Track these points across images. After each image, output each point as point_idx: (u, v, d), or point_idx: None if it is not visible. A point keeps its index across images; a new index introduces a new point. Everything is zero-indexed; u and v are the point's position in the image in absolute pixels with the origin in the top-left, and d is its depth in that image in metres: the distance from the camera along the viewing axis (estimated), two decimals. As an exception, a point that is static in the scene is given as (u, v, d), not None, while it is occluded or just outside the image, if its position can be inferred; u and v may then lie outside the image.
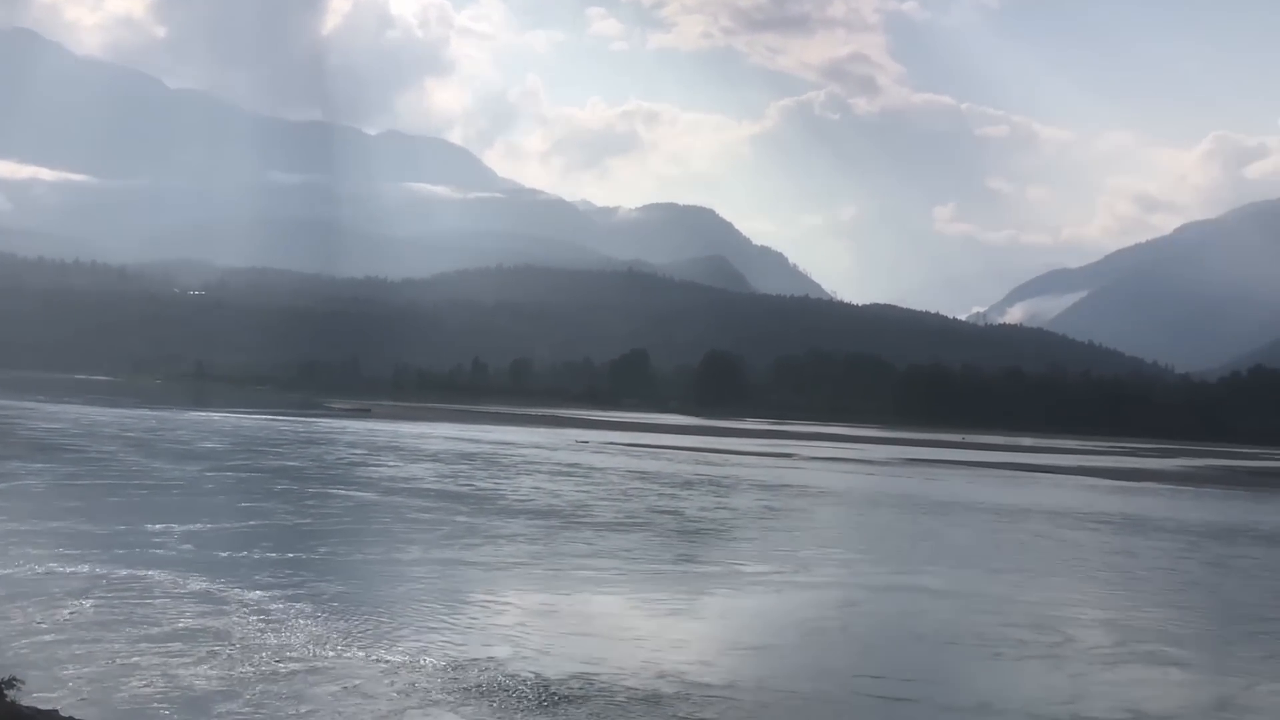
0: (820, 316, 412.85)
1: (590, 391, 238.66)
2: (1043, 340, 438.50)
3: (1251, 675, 18.46)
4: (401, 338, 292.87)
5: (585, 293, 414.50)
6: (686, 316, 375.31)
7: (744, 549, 30.38)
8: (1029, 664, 18.31)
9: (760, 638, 19.03)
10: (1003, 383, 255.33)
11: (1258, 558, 34.10)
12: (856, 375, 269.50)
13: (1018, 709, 15.52)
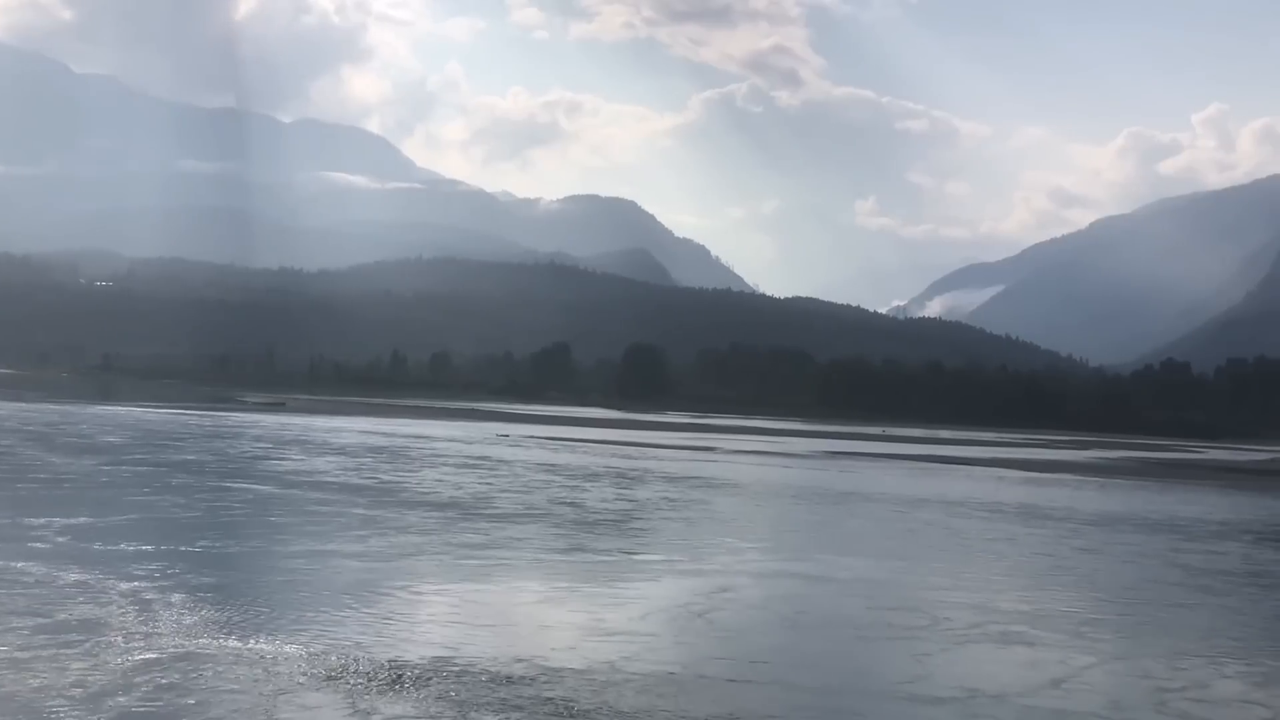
0: (743, 309, 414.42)
1: (512, 385, 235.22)
2: (962, 334, 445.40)
3: (1095, 654, 18.29)
4: (317, 330, 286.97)
5: (506, 285, 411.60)
6: (609, 309, 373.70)
7: (636, 539, 29.68)
8: (886, 645, 18.20)
9: (629, 623, 18.52)
10: (923, 376, 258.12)
11: (1134, 544, 34.08)
12: (779, 368, 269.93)
13: (858, 688, 15.43)
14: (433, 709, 13.09)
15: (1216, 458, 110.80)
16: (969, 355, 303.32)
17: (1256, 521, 43.64)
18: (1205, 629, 21.26)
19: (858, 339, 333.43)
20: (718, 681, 14.97)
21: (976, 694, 15.18)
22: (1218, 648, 19.23)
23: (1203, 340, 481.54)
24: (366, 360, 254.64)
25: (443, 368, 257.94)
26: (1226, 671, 17.50)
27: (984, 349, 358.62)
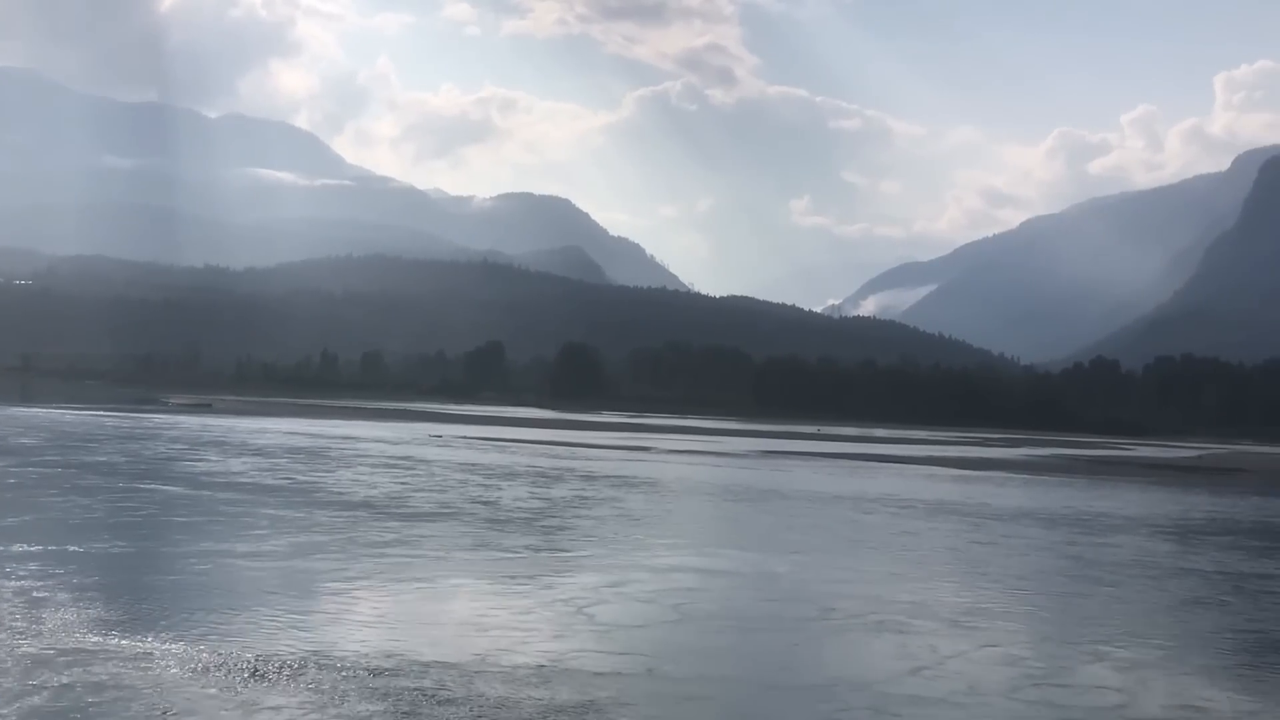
0: (677, 308, 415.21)
1: (444, 385, 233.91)
2: (895, 332, 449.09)
3: (967, 642, 18.45)
4: (245, 329, 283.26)
5: (439, 284, 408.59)
6: (543, 308, 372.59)
7: (542, 537, 29.49)
8: (765, 635, 18.33)
9: (512, 618, 18.52)
10: (857, 375, 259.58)
11: (1034, 537, 34.65)
12: (714, 367, 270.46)
13: (723, 677, 15.44)
14: (303, 699, 13.15)
15: (1144, 455, 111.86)
16: (903, 354, 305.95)
17: (1163, 516, 44.36)
18: (1083, 617, 21.70)
19: (793, 338, 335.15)
20: (583, 673, 15.04)
21: (838, 682, 15.42)
22: (1091, 635, 19.61)
23: (1131, 339, 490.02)
24: (295, 360, 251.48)
25: (374, 368, 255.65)
26: (1093, 658, 17.81)
27: (917, 348, 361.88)
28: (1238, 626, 21.44)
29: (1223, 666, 17.70)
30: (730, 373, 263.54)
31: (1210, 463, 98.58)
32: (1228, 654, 18.67)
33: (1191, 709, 14.80)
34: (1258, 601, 24.49)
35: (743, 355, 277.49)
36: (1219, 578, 27.54)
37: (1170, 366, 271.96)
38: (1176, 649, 18.88)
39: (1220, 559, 31.10)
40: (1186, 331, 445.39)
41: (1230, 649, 19.10)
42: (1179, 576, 27.64)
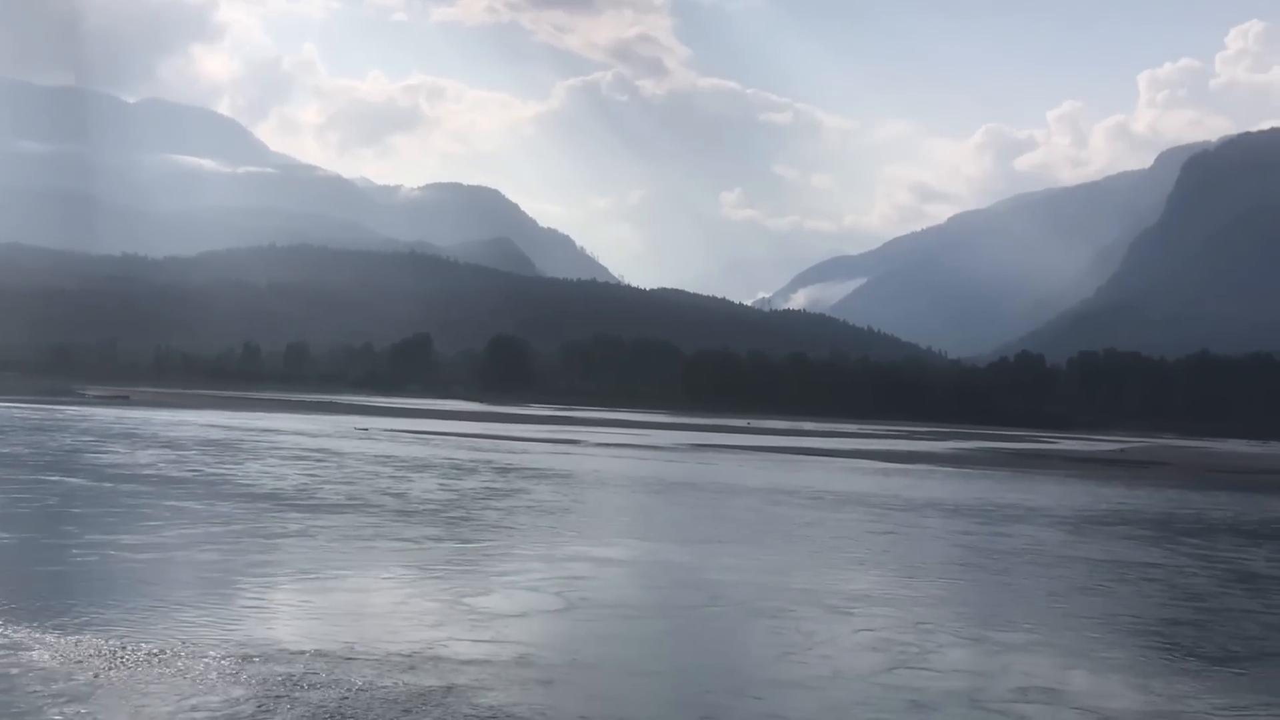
0: (608, 301, 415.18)
1: (371, 377, 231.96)
2: (825, 326, 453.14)
3: (842, 626, 18.86)
4: (165, 320, 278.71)
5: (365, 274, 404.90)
6: (472, 300, 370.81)
7: (444, 529, 29.30)
8: (646, 623, 18.41)
9: (390, 608, 18.54)
10: (787, 368, 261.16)
11: (933, 527, 35.19)
12: (644, 360, 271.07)
13: (590, 661, 15.47)
14: (168, 686, 13.16)
15: (1067, 448, 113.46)
16: (833, 347, 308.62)
17: (1068, 508, 44.95)
18: (964, 603, 22.11)
19: (723, 331, 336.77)
20: (452, 660, 15.09)
21: (705, 667, 15.64)
22: (967, 620, 19.99)
23: (1056, 333, 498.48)
24: (217, 351, 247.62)
25: (299, 359, 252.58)
26: (963, 642, 18.11)
27: (847, 341, 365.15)
28: (1113, 611, 22.00)
29: (1088, 650, 18.06)
30: (660, 366, 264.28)
31: (1132, 456, 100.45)
32: (1097, 638, 19.07)
33: (1045, 690, 15.15)
34: (1140, 588, 25.11)
35: (673, 348, 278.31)
36: (1106, 565, 28.16)
37: (1094, 361, 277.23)
38: (1048, 633, 19.24)
39: (1111, 548, 31.75)
40: (1110, 326, 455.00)
41: (1101, 632, 19.56)
42: (1066, 564, 28.22)
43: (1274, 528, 40.68)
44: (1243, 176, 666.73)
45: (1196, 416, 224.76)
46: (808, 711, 13.69)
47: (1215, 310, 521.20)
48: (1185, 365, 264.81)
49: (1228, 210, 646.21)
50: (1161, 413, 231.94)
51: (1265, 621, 21.61)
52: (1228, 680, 16.70)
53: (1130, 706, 14.56)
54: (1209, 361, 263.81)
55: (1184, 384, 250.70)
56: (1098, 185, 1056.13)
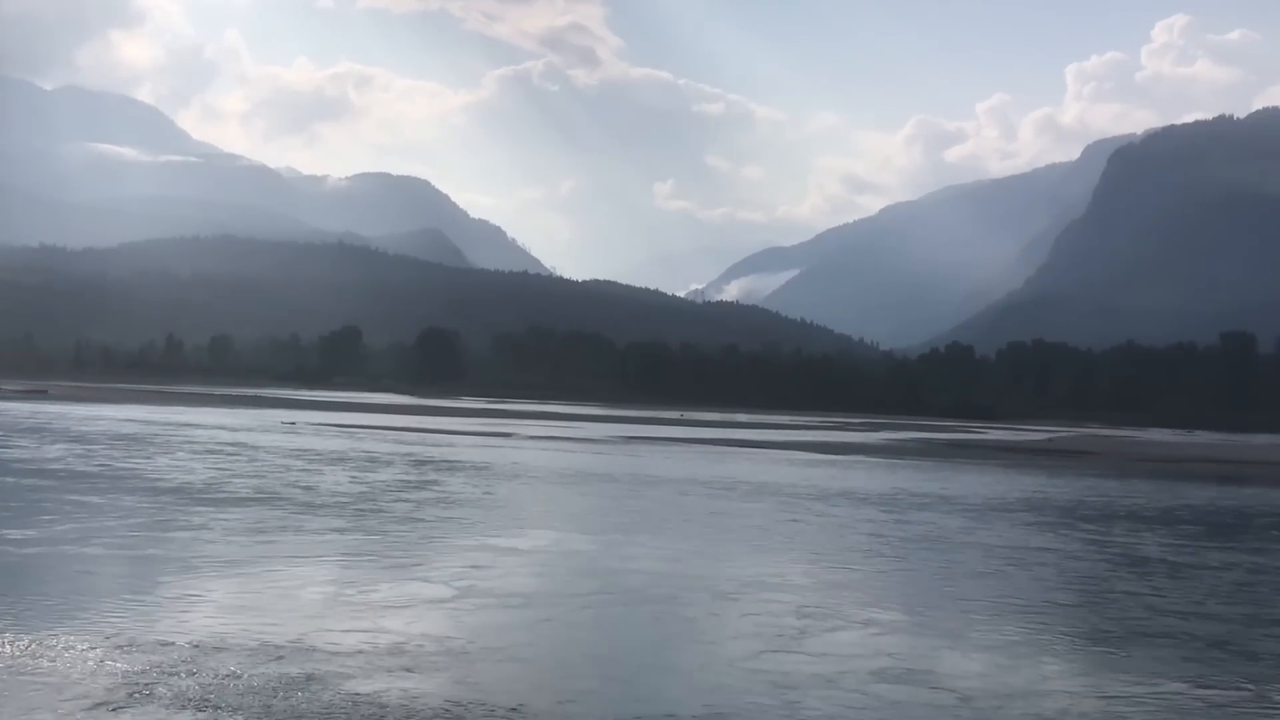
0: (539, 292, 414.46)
1: (299, 370, 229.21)
2: (758, 317, 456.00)
3: (722, 612, 19.08)
4: (83, 312, 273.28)
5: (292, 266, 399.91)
6: (401, 291, 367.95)
7: (351, 520, 29.17)
8: (529, 611, 18.29)
9: (272, 600, 18.47)
10: (720, 359, 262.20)
11: (840, 516, 35.42)
12: (576, 352, 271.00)
13: (460, 649, 15.43)
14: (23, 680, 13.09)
15: (997, 438, 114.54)
16: (765, 339, 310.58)
17: (981, 496, 45.32)
18: (851, 586, 22.40)
19: (656, 323, 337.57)
20: (322, 651, 15.12)
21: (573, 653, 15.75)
22: (852, 604, 20.27)
23: (986, 324, 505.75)
24: (139, 345, 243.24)
25: (223, 352, 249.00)
26: (842, 625, 18.42)
27: (780, 332, 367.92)
28: (999, 594, 22.34)
29: (965, 631, 18.40)
30: (593, 358, 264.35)
31: (1060, 445, 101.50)
32: (978, 619, 19.42)
33: (908, 670, 15.45)
34: (1030, 572, 25.54)
35: (606, 340, 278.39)
36: (1001, 550, 28.63)
37: (1022, 352, 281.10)
38: (930, 616, 19.59)
39: (1010, 534, 32.27)
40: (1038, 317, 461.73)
41: (983, 615, 19.89)
42: (962, 550, 28.67)
43: (1177, 514, 41.51)
44: (1168, 169, 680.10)
45: (1122, 406, 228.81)
46: (669, 694, 13.83)
47: (1141, 301, 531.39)
48: (1111, 356, 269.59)
49: (1153, 202, 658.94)
50: (1088, 403, 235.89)
51: (1147, 603, 22.09)
52: (1096, 659, 17.09)
53: (986, 686, 14.85)
54: (1134, 352, 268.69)
55: (1110, 374, 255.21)
56: (1026, 177, 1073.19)
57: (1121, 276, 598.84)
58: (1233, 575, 26.38)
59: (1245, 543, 33.27)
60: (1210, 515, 42.29)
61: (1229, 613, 21.37)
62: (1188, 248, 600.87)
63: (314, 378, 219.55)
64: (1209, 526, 37.58)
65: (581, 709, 12.93)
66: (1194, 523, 38.50)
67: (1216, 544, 32.48)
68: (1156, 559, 28.63)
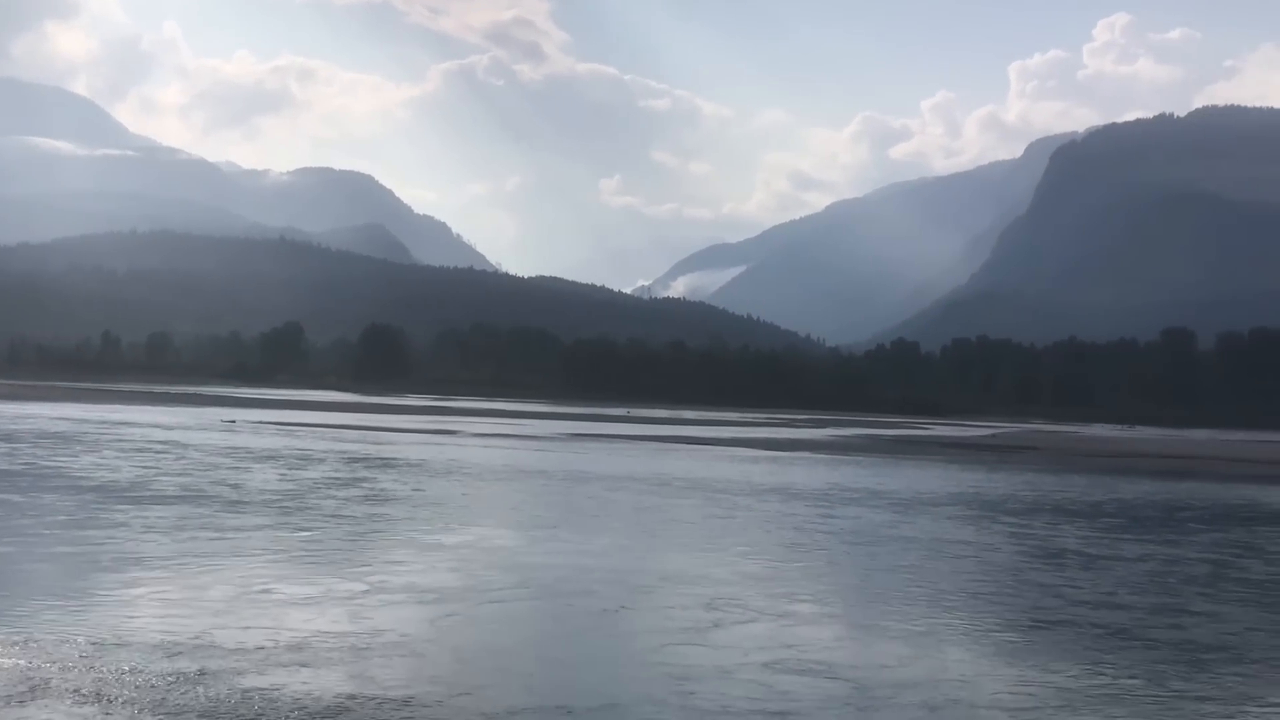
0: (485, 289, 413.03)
1: (239, 368, 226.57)
2: (705, 314, 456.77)
3: (644, 601, 19.40)
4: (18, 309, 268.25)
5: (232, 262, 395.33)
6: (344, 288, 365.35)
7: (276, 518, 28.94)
8: (434, 608, 18.20)
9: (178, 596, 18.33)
10: (667, 356, 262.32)
11: (765, 510, 35.61)
12: (522, 349, 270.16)
13: (359, 644, 15.33)
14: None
15: (943, 434, 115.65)
16: (712, 335, 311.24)
17: (910, 491, 45.60)
18: (762, 578, 22.56)
19: (602, 319, 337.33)
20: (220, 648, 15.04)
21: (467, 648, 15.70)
22: (765, 595, 20.48)
23: (931, 320, 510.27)
24: (74, 342, 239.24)
25: (161, 350, 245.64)
26: (753, 617, 18.52)
27: (727, 329, 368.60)
28: (912, 585, 22.63)
29: (871, 621, 18.70)
30: (539, 354, 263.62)
31: (1004, 441, 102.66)
32: (888, 609, 19.70)
33: (803, 659, 15.64)
34: (948, 564, 25.89)
35: (552, 337, 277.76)
36: (921, 543, 29.04)
37: (967, 348, 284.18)
38: (838, 607, 20.03)
39: (934, 528, 32.63)
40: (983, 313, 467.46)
41: (894, 605, 20.19)
42: (883, 543, 29.05)
43: (1103, 508, 42.21)
44: (1109, 167, 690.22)
45: (1065, 402, 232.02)
46: (567, 687, 13.92)
47: (1083, 298, 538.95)
48: (1054, 351, 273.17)
49: (1094, 199, 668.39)
50: (1032, 398, 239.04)
51: (1057, 593, 22.45)
52: (999, 648, 17.34)
53: (883, 675, 15.05)
54: (1077, 348, 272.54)
55: (1053, 370, 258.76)
56: (970, 174, 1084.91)
57: (1064, 273, 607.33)
58: (1146, 566, 26.88)
59: (1163, 535, 33.90)
60: (1136, 509, 43.00)
61: (1137, 602, 21.78)
62: (1129, 245, 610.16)
63: (255, 375, 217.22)
64: (1131, 520, 38.19)
65: (473, 701, 12.93)
66: (1118, 516, 39.13)
67: (1135, 536, 33.07)
68: (1074, 551, 29.14)
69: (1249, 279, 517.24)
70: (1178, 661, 16.76)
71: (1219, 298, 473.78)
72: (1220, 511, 43.88)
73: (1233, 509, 45.18)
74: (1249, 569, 27.35)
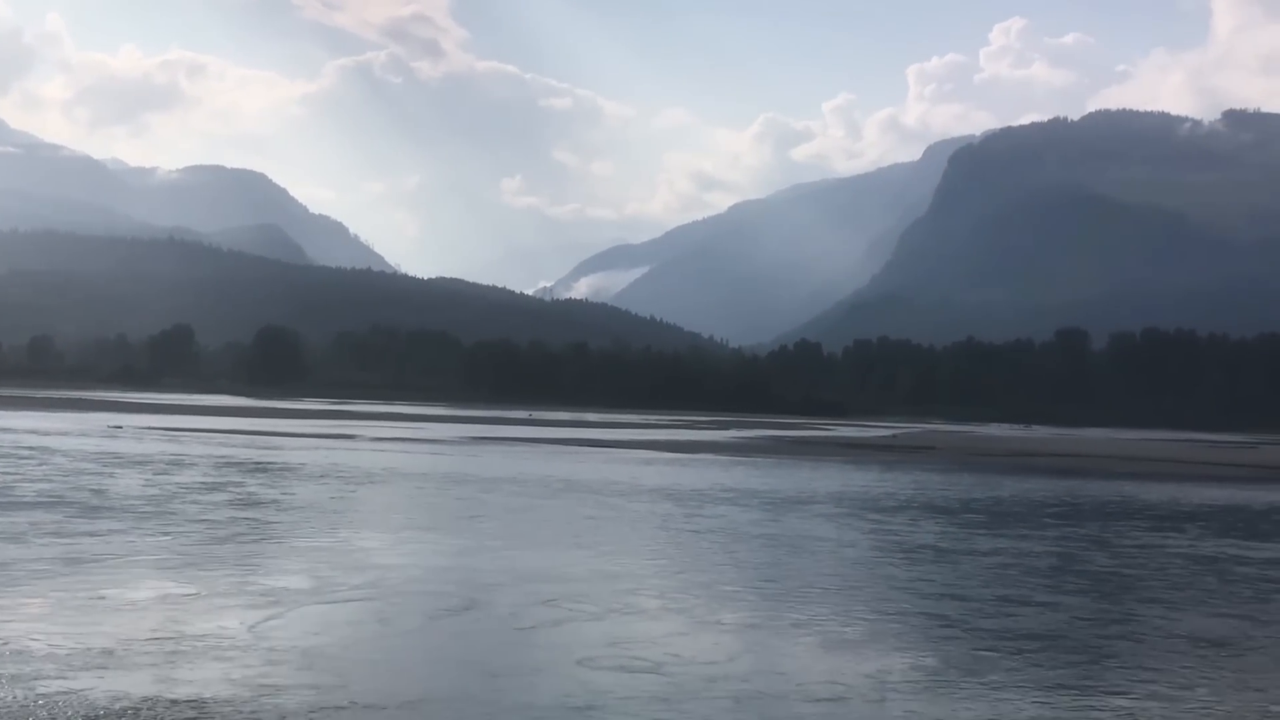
0: (383, 290, 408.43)
1: (126, 371, 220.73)
2: (608, 315, 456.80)
3: (482, 599, 19.52)
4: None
5: (119, 262, 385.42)
6: (237, 289, 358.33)
7: (133, 523, 28.29)
8: (281, 607, 18.21)
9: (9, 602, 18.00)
10: (570, 358, 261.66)
11: (635, 510, 35.84)
12: (422, 351, 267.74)
13: (186, 649, 15.10)
14: None
15: (844, 435, 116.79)
16: (615, 337, 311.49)
17: (789, 491, 45.96)
18: (613, 575, 22.69)
19: (504, 321, 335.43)
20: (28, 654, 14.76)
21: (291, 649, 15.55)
22: (606, 590, 20.64)
23: (833, 321, 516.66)
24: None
25: (43, 353, 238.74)
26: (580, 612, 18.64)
27: (630, 330, 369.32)
28: (762, 579, 23.07)
29: (706, 615, 18.89)
30: (439, 357, 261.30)
31: (904, 441, 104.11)
32: (728, 603, 19.98)
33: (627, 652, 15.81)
34: (802, 560, 26.43)
35: (452, 339, 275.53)
36: (781, 540, 29.53)
37: (868, 349, 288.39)
38: (682, 601, 20.05)
39: (797, 525, 33.09)
40: (884, 314, 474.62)
41: (735, 599, 20.52)
42: (743, 540, 29.35)
43: (973, 506, 42.89)
44: (1005, 169, 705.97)
45: (964, 401, 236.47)
46: (369, 685, 13.78)
47: (981, 298, 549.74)
48: (953, 352, 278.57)
49: (991, 202, 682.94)
50: (931, 398, 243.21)
51: (902, 586, 22.96)
52: (828, 637, 17.63)
53: (699, 670, 15.21)
54: (975, 348, 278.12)
55: (952, 370, 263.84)
56: (871, 176, 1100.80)
57: (962, 274, 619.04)
58: (995, 560, 27.51)
59: (1020, 530, 34.66)
60: (1005, 506, 43.87)
61: (977, 594, 22.28)
62: (1025, 246, 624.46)
63: (143, 379, 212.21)
64: (994, 516, 39.04)
65: (277, 701, 12.82)
66: (984, 513, 39.93)
67: (993, 532, 33.81)
68: (929, 546, 29.73)
69: (1141, 280, 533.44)
70: (1001, 651, 17.15)
71: (1112, 298, 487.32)
72: (1089, 507, 44.99)
73: (1101, 505, 46.31)
74: (1092, 561, 28.19)
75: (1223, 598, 23.32)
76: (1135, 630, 19.45)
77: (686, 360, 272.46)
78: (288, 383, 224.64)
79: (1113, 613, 21.14)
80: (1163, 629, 19.54)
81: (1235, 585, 25.14)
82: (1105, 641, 18.41)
